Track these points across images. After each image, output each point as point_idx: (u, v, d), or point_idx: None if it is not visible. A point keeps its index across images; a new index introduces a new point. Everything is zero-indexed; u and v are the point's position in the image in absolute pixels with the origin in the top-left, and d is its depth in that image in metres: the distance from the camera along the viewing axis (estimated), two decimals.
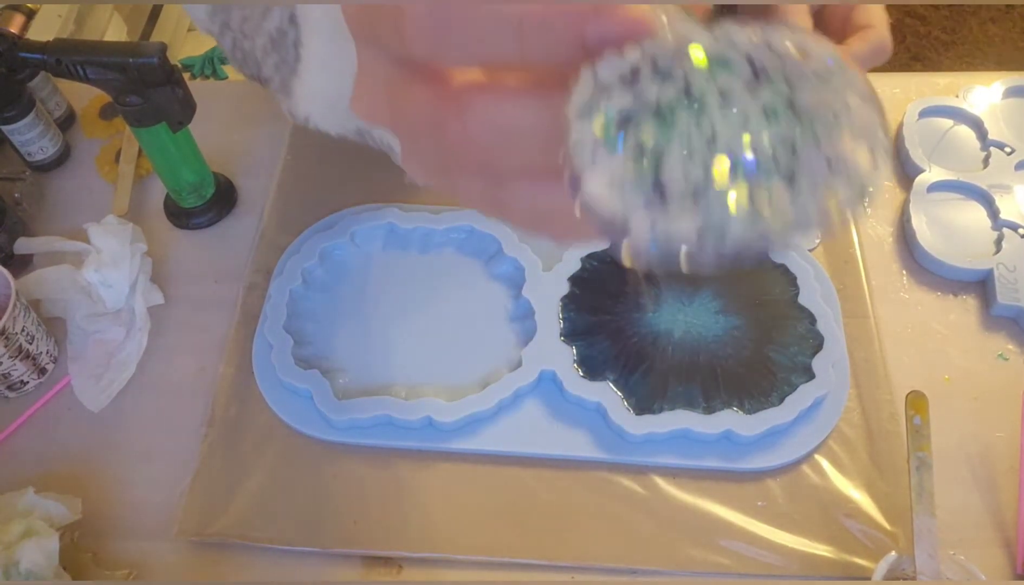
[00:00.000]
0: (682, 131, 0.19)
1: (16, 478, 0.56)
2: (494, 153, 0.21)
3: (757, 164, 0.19)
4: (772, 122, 0.19)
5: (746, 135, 0.19)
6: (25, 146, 0.72)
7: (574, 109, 0.20)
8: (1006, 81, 0.73)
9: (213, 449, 0.57)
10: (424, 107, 0.22)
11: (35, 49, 0.57)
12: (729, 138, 0.19)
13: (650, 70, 0.20)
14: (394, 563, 0.53)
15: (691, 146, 0.19)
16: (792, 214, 0.19)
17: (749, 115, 0.19)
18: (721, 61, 0.20)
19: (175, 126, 0.61)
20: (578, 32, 0.19)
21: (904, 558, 0.48)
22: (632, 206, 0.19)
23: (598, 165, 0.19)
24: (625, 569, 0.51)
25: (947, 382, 0.58)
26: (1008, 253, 0.62)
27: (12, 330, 0.56)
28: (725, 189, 0.19)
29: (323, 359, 0.60)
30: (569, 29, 0.19)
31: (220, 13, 0.47)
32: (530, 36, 0.19)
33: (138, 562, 0.53)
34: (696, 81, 0.19)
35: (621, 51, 0.20)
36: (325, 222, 0.67)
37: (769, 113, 0.19)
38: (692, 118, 0.19)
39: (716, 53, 0.20)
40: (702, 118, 0.19)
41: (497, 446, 0.55)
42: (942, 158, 0.69)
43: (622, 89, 0.19)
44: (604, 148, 0.19)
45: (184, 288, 0.66)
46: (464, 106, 0.20)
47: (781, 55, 0.20)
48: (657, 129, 0.19)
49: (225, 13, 0.46)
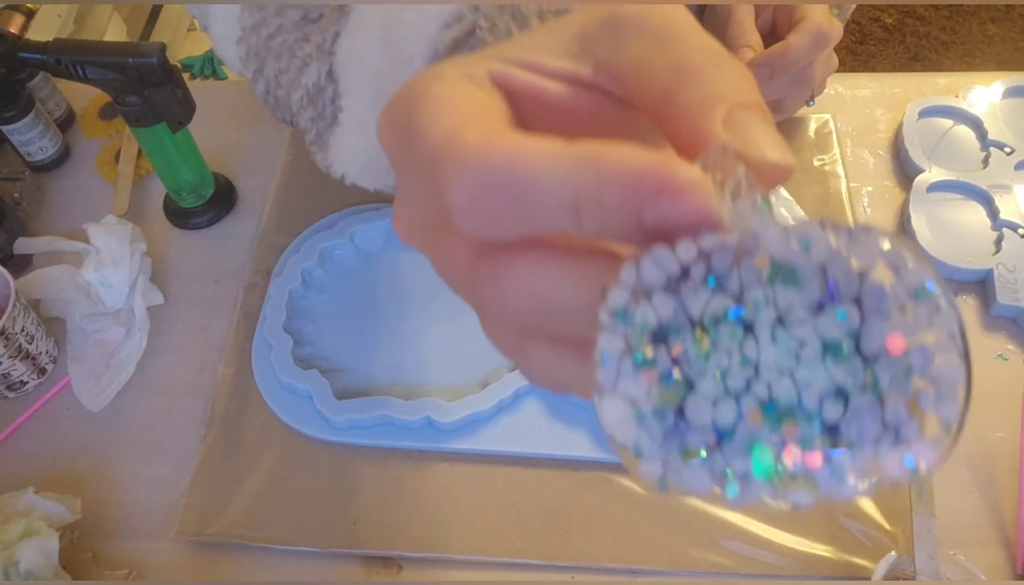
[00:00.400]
0: (720, 360, 0.17)
1: (16, 478, 0.56)
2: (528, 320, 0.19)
3: (797, 414, 0.16)
4: (829, 362, 0.17)
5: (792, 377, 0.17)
6: (25, 146, 0.72)
7: (608, 310, 0.17)
8: (1006, 81, 0.73)
9: (213, 449, 0.57)
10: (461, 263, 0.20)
11: (35, 49, 0.57)
12: (773, 377, 0.17)
13: (701, 275, 0.17)
14: (394, 563, 0.53)
15: (727, 379, 0.17)
16: (823, 480, 0.16)
17: (804, 350, 0.17)
18: (788, 273, 0.17)
19: (175, 126, 0.61)
20: (636, 213, 0.17)
21: (904, 558, 0.48)
22: (647, 439, 0.17)
23: (620, 383, 0.17)
24: (625, 569, 0.51)
25: None
26: (1008, 253, 0.62)
27: (12, 330, 0.56)
28: (753, 440, 0.17)
29: (322, 359, 0.60)
30: (626, 210, 0.17)
31: (254, 60, 0.47)
32: (585, 216, 0.17)
33: (138, 562, 0.53)
34: (751, 297, 0.17)
35: (675, 244, 0.17)
36: (325, 222, 0.67)
37: (829, 349, 0.17)
38: (736, 344, 0.17)
39: (784, 261, 0.17)
40: (748, 345, 0.17)
41: (497, 446, 0.55)
42: (942, 158, 0.69)
43: (664, 295, 0.17)
44: (630, 364, 0.17)
45: (184, 288, 0.66)
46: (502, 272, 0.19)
47: (863, 273, 0.17)
48: (693, 352, 0.17)
49: (259, 61, 0.46)
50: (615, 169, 0.17)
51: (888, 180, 0.69)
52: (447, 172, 0.18)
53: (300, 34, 0.44)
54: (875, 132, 0.72)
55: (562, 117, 0.22)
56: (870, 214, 0.67)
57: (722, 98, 0.19)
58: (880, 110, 0.74)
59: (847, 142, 0.72)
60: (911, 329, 0.16)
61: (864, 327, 0.17)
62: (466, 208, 0.18)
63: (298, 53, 0.43)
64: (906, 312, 0.17)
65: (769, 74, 0.61)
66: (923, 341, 0.16)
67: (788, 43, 0.60)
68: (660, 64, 0.20)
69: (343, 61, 0.41)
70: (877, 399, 0.16)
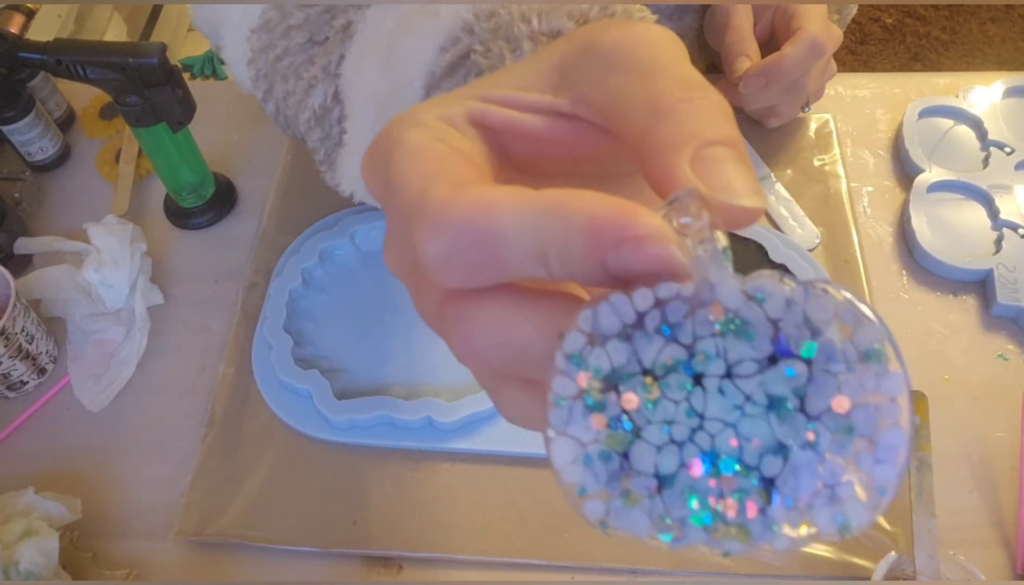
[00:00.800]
0: (668, 409, 0.17)
1: (16, 478, 0.56)
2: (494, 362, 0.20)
3: (736, 467, 0.17)
4: (773, 418, 0.17)
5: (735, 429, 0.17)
6: (25, 146, 0.72)
7: (563, 354, 0.18)
8: (1006, 81, 0.73)
9: (213, 449, 0.57)
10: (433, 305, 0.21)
11: (35, 49, 0.57)
12: (717, 429, 0.17)
13: (656, 324, 0.18)
14: (394, 563, 0.53)
15: (672, 428, 0.17)
16: (756, 532, 0.17)
17: (749, 405, 0.17)
18: (741, 328, 0.17)
19: (175, 126, 0.61)
20: (600, 261, 0.17)
21: (904, 558, 0.48)
22: (592, 481, 0.18)
23: (570, 425, 0.18)
24: (625, 569, 0.51)
25: (947, 382, 0.58)
26: (1008, 253, 0.62)
27: (12, 330, 0.56)
28: (692, 489, 0.17)
29: (323, 359, 0.60)
30: (590, 258, 0.17)
31: (263, 82, 0.47)
32: (553, 264, 0.18)
33: (138, 562, 0.53)
34: (702, 348, 0.17)
35: (631, 292, 0.18)
36: (325, 222, 0.67)
37: (774, 405, 0.17)
38: (684, 394, 0.17)
39: (738, 314, 0.17)
40: (695, 396, 0.17)
41: (497, 446, 0.55)
42: (942, 158, 0.69)
43: (619, 342, 0.18)
44: (581, 407, 0.18)
45: (184, 288, 0.66)
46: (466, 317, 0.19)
47: (815, 330, 0.17)
48: (642, 400, 0.17)
49: (268, 83, 0.47)
50: (578, 218, 0.18)
51: (888, 180, 0.69)
52: (418, 229, 0.19)
53: (306, 56, 0.44)
54: (875, 132, 0.72)
55: (545, 149, 0.23)
56: (870, 214, 0.67)
57: (694, 137, 0.19)
58: (880, 110, 0.74)
59: (847, 142, 0.72)
60: (857, 390, 0.17)
61: (811, 385, 0.17)
62: (438, 263, 0.19)
63: (304, 75, 0.44)
64: (855, 372, 0.17)
65: (764, 84, 0.62)
66: (867, 403, 0.17)
67: (783, 54, 0.60)
68: (637, 99, 0.20)
69: (347, 83, 0.41)
70: (816, 457, 0.17)
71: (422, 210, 0.19)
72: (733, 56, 0.64)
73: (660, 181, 0.20)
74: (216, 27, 0.50)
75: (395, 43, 0.38)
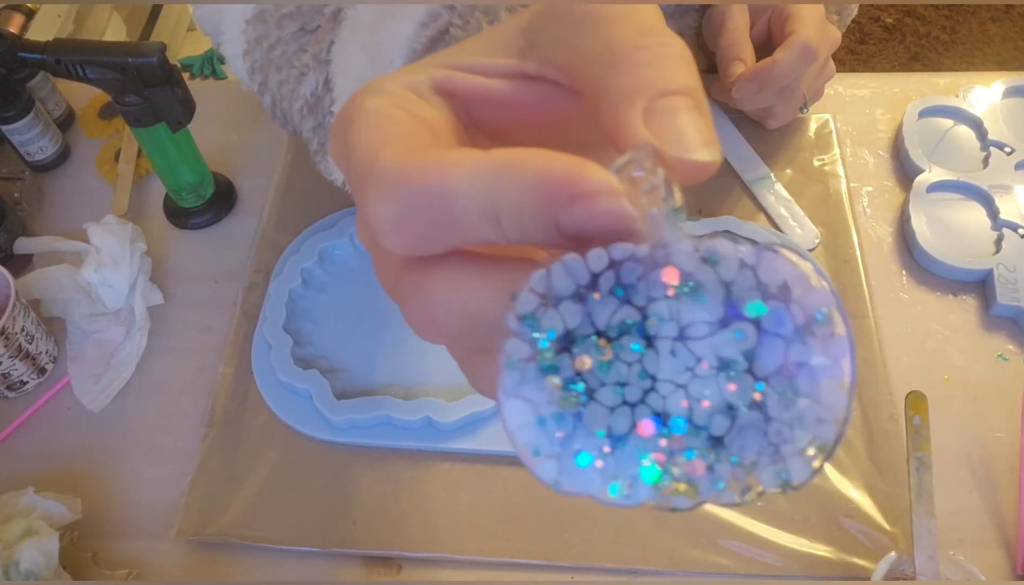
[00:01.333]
0: (620, 370, 0.18)
1: (16, 478, 0.56)
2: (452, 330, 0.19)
3: (686, 427, 0.18)
4: (722, 379, 0.18)
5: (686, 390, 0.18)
6: (25, 146, 0.72)
7: (516, 316, 0.18)
8: (1006, 81, 0.73)
9: (213, 449, 0.57)
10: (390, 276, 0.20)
11: (35, 49, 0.57)
12: (668, 390, 0.18)
13: (610, 285, 0.18)
14: (394, 563, 0.53)
15: (625, 390, 0.18)
16: (703, 488, 0.18)
17: (699, 366, 0.18)
18: (693, 290, 0.17)
19: (175, 126, 0.61)
20: (551, 218, 0.17)
21: (904, 558, 0.48)
22: (545, 442, 0.18)
23: (524, 387, 0.18)
24: (625, 569, 0.51)
25: (947, 382, 0.58)
26: (1008, 253, 0.62)
27: (12, 330, 0.56)
28: (642, 448, 0.18)
29: (322, 359, 0.60)
30: (543, 216, 0.17)
31: (258, 73, 0.47)
32: (507, 225, 0.18)
33: (138, 562, 0.53)
34: (655, 310, 0.18)
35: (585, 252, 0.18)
36: (325, 222, 0.67)
37: (725, 365, 0.18)
38: (636, 356, 0.18)
39: (692, 276, 0.17)
40: (648, 358, 0.18)
41: (497, 446, 0.55)
42: (942, 158, 0.69)
43: (572, 304, 0.18)
44: (535, 369, 0.18)
45: (184, 288, 0.66)
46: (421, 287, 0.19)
47: (765, 293, 0.17)
48: (595, 362, 0.18)
49: (263, 74, 0.47)
50: (528, 176, 0.17)
51: (888, 180, 0.69)
52: (368, 194, 0.18)
53: (298, 45, 0.44)
54: (875, 132, 0.72)
55: (514, 114, 0.22)
56: (870, 214, 0.67)
57: (648, 87, 0.19)
58: (880, 110, 0.74)
59: (847, 142, 0.72)
60: (803, 352, 0.17)
61: (759, 347, 0.18)
62: (388, 229, 0.18)
63: (296, 64, 0.44)
64: (802, 334, 0.17)
65: (756, 89, 0.62)
66: (812, 364, 0.17)
67: (774, 60, 0.60)
68: (595, 51, 0.20)
69: (336, 69, 0.42)
70: (762, 417, 0.18)
71: (371, 174, 0.18)
72: (727, 60, 0.64)
73: (614, 135, 0.19)
74: (217, 24, 0.50)
75: (379, 24, 0.38)
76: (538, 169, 0.17)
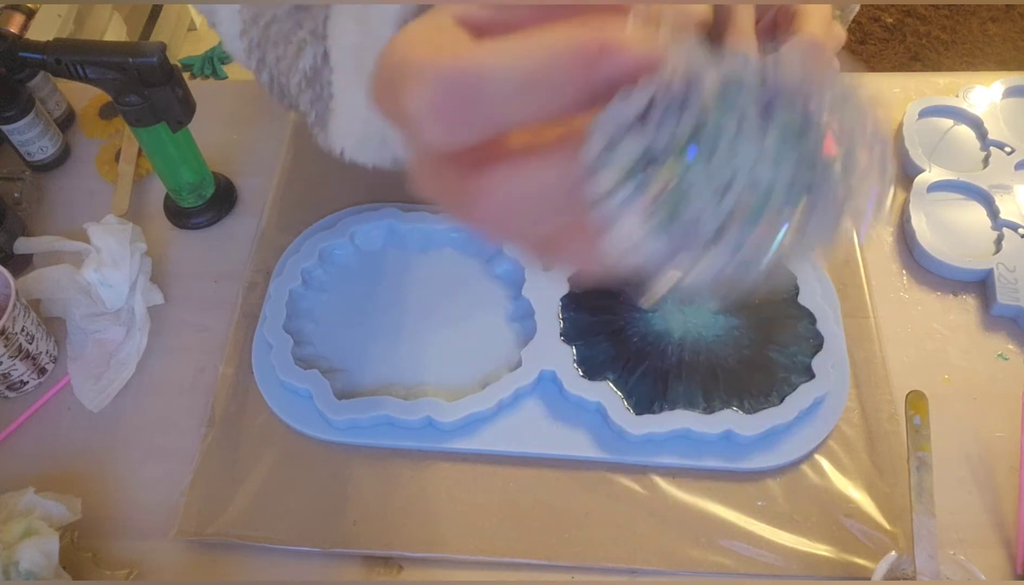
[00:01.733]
0: (702, 167, 0.19)
1: (16, 478, 0.56)
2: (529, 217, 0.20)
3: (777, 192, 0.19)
4: (790, 146, 0.19)
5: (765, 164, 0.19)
6: (25, 146, 0.71)
7: (591, 157, 0.19)
8: (1006, 81, 0.73)
9: (213, 449, 0.57)
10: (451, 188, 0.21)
11: (35, 49, 0.57)
12: (750, 168, 0.19)
13: (663, 108, 0.19)
14: (394, 563, 0.53)
15: (713, 182, 0.19)
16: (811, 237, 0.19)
17: (767, 142, 0.19)
18: (735, 86, 0.19)
19: (175, 126, 0.61)
20: (585, 78, 0.18)
21: (904, 558, 0.48)
22: (662, 251, 0.19)
23: (624, 211, 0.19)
24: (625, 569, 0.51)
25: (947, 382, 0.58)
26: (1008, 253, 0.62)
27: (12, 330, 0.56)
28: (749, 222, 0.19)
29: (323, 359, 0.60)
30: (575, 77, 0.18)
31: (256, 51, 0.48)
32: (538, 93, 0.18)
33: (138, 562, 0.53)
34: (711, 114, 0.19)
35: (630, 91, 0.19)
36: (325, 222, 0.67)
37: (787, 136, 0.19)
38: (710, 153, 0.19)
39: (729, 78, 0.19)
40: (720, 151, 0.19)
41: (497, 446, 0.55)
42: (942, 158, 0.69)
43: (637, 131, 0.19)
44: (627, 193, 0.19)
45: (184, 288, 0.66)
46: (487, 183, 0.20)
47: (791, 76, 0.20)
48: (677, 168, 0.19)
49: (260, 51, 0.47)
50: (559, 43, 0.18)
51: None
52: (403, 88, 0.19)
53: (294, 21, 0.44)
54: None
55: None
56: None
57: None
58: (880, 110, 0.74)
59: None
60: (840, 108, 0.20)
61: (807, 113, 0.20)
62: (426, 116, 0.19)
63: (293, 39, 0.44)
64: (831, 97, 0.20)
65: None
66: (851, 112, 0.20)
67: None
68: None
69: (332, 42, 0.42)
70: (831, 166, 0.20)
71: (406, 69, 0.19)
72: None
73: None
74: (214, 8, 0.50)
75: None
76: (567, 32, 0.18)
